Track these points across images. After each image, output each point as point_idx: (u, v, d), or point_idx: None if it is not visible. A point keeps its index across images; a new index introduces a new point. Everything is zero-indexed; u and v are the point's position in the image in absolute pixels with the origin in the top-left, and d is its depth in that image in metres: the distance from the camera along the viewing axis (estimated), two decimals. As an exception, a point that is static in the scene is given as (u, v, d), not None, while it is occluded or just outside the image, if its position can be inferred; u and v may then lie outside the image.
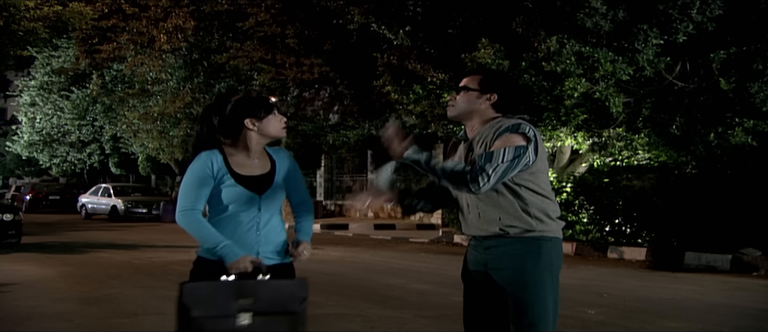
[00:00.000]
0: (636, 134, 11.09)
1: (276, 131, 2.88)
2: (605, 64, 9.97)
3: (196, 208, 2.77)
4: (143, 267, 9.67)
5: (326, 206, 24.25)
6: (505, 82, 2.98)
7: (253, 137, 2.85)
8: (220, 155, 2.82)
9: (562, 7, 10.27)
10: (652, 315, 6.32)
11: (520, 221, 2.74)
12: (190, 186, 2.79)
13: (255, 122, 2.84)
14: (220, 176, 2.79)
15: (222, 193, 2.79)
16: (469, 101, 2.86)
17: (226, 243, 2.72)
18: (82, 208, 25.75)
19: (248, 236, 2.81)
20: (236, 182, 2.80)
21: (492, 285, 2.80)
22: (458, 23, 11.77)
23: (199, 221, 2.76)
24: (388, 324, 5.85)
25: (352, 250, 12.85)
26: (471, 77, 2.91)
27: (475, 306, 2.87)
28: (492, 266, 2.79)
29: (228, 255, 2.71)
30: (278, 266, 2.87)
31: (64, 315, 6.19)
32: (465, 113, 2.88)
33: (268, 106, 2.87)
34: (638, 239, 11.57)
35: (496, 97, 2.85)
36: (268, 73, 19.13)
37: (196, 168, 2.80)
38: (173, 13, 19.80)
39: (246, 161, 2.86)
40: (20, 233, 12.65)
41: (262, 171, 2.88)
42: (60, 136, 30.63)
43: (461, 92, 2.88)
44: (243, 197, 2.80)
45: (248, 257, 2.73)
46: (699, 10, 9.56)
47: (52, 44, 28.34)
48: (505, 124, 2.77)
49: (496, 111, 2.86)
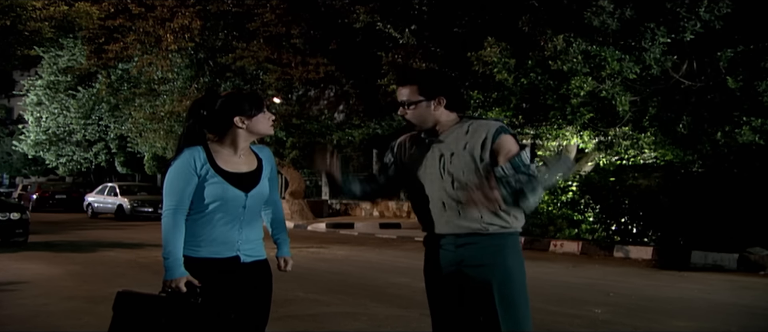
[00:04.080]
0: (642, 132, 11.06)
1: (265, 129, 2.86)
2: (612, 63, 9.94)
3: (181, 207, 2.74)
4: (150, 266, 9.69)
5: (332, 205, 24.27)
6: (443, 81, 2.94)
7: (242, 135, 2.82)
8: (203, 152, 2.78)
9: (569, 5, 10.25)
10: (658, 314, 6.30)
11: (499, 219, 2.75)
12: (174, 185, 2.75)
13: (244, 119, 2.80)
14: (204, 172, 2.75)
15: (206, 190, 2.75)
16: (422, 113, 2.82)
17: (176, 259, 2.70)
18: (88, 207, 25.82)
19: (231, 234, 2.80)
20: (223, 179, 2.77)
21: (469, 284, 2.75)
22: (464, 22, 11.75)
23: (176, 224, 2.71)
24: (394, 323, 5.85)
25: (357, 249, 12.85)
26: (408, 88, 2.83)
27: (448, 309, 2.81)
28: (470, 263, 2.75)
29: (169, 271, 2.69)
30: (257, 262, 2.88)
31: (72, 314, 6.21)
32: (425, 123, 2.84)
33: (259, 103, 2.85)
34: (644, 238, 11.54)
35: (445, 100, 2.82)
36: (274, 73, 19.15)
37: (180, 166, 2.76)
38: (179, 13, 19.82)
39: (232, 158, 2.83)
40: (27, 232, 12.70)
41: (249, 169, 2.86)
42: (66, 135, 30.72)
43: (408, 106, 2.82)
44: (229, 194, 2.77)
45: (185, 278, 2.70)
46: (706, 9, 9.52)
47: (58, 44, 28.43)
48: (490, 126, 2.76)
49: (450, 111, 2.84)
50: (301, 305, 6.61)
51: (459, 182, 2.75)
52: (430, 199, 2.82)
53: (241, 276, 2.82)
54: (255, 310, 2.87)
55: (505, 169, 2.67)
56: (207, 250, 2.77)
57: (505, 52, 10.63)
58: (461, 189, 2.74)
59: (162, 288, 2.73)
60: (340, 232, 17.80)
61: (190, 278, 2.71)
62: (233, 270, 2.80)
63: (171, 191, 2.75)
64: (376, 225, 18.79)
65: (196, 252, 2.75)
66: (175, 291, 2.69)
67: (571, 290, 7.60)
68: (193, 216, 2.76)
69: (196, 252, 2.75)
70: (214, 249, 2.78)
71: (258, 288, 2.89)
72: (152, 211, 23.50)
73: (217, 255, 2.78)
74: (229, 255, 2.80)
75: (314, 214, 21.51)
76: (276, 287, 3.02)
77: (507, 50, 10.67)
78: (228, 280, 2.78)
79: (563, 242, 11.98)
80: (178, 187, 2.74)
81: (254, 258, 2.87)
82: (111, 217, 24.13)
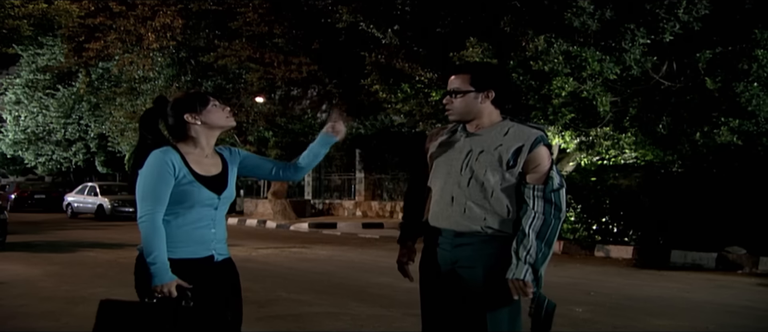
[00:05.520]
0: (623, 133, 11.15)
1: (220, 121, 2.86)
2: (593, 64, 10.01)
3: (158, 211, 2.70)
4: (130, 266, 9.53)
5: (315, 205, 24.22)
6: (497, 75, 2.93)
7: (199, 131, 2.83)
8: (177, 154, 2.78)
9: (549, 6, 10.30)
10: (638, 313, 6.36)
11: (501, 224, 2.71)
12: (150, 188, 2.71)
13: (195, 115, 2.82)
14: (180, 175, 2.75)
15: (183, 193, 2.75)
16: (468, 103, 2.78)
17: (163, 264, 2.68)
18: (68, 207, 25.56)
19: (206, 235, 2.81)
20: (197, 182, 2.78)
21: (462, 284, 2.74)
22: (446, 22, 11.77)
23: (156, 228, 2.69)
24: (376, 323, 5.86)
25: (340, 249, 12.84)
26: (460, 77, 2.80)
27: (439, 307, 2.80)
28: (463, 264, 2.73)
29: (157, 276, 2.67)
30: (226, 260, 2.91)
31: (51, 314, 6.14)
32: (467, 115, 2.81)
33: (203, 98, 2.86)
34: (625, 237, 11.64)
35: (493, 93, 2.79)
36: (256, 72, 19.09)
37: (155, 168, 2.72)
38: (161, 12, 19.69)
39: (202, 159, 2.84)
40: (5, 232, 12.53)
41: (217, 171, 2.88)
42: (45, 134, 30.40)
43: (456, 95, 2.79)
44: (204, 196, 2.78)
45: (176, 282, 2.69)
46: (685, 10, 9.62)
47: (37, 42, 28.12)
48: (530, 134, 2.72)
49: (496, 107, 2.81)
50: (284, 305, 6.60)
51: (476, 180, 2.72)
52: (442, 190, 2.80)
53: (217, 274, 2.84)
54: (235, 308, 2.90)
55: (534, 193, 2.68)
56: (184, 251, 2.76)
57: (487, 53, 10.67)
58: (475, 188, 2.71)
59: (140, 293, 2.72)
60: (323, 232, 17.77)
61: (180, 281, 2.69)
62: (209, 268, 2.82)
63: (147, 195, 2.71)
64: (359, 225, 18.79)
65: (173, 254, 2.73)
66: (165, 297, 2.67)
67: (552, 289, 7.61)
68: (167, 218, 2.74)
69: (174, 252, 2.73)
70: (191, 249, 2.78)
71: (233, 286, 2.92)
72: (133, 211, 23.27)
73: (195, 255, 2.78)
74: (206, 255, 2.82)
75: (297, 214, 21.46)
76: (259, 287, 3.04)
77: (489, 50, 10.71)
78: (208, 279, 2.79)
79: (545, 241, 12.04)
80: (155, 190, 2.71)
81: (224, 256, 2.91)
82: (91, 217, 23.90)
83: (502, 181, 2.70)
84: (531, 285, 2.63)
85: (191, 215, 2.77)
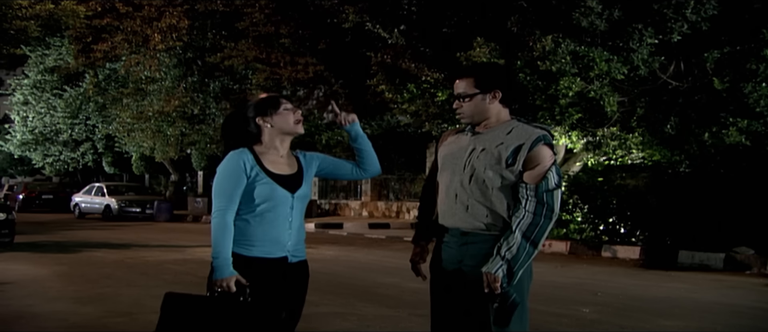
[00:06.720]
0: (630, 133, 11.12)
1: (288, 127, 2.94)
2: (600, 64, 9.99)
3: (230, 208, 2.80)
4: (137, 266, 9.64)
5: (321, 205, 24.24)
6: (501, 75, 2.94)
7: (271, 134, 2.92)
8: (250, 154, 2.87)
9: (557, 6, 10.28)
10: (646, 314, 6.34)
11: (503, 222, 2.72)
12: (224, 186, 2.82)
13: (266, 118, 2.91)
14: (253, 174, 2.84)
15: (256, 190, 2.83)
16: (477, 105, 2.80)
17: (225, 259, 2.76)
18: (75, 207, 25.66)
19: (282, 234, 2.87)
20: (271, 180, 2.85)
21: (467, 283, 2.74)
22: (453, 22, 11.76)
23: (225, 225, 2.79)
24: (383, 323, 5.85)
25: (346, 249, 12.84)
26: (465, 81, 2.82)
27: (446, 305, 2.82)
28: (469, 263, 2.74)
29: (218, 270, 2.75)
30: (300, 263, 2.96)
31: (58, 315, 6.16)
32: (477, 117, 2.83)
33: (275, 102, 2.94)
34: (632, 238, 11.60)
35: (500, 93, 2.80)
36: (262, 73, 19.12)
37: (229, 167, 2.84)
38: (167, 13, 19.77)
39: (277, 159, 2.93)
40: (13, 232, 12.59)
41: (292, 171, 2.95)
42: (53, 135, 30.51)
43: (464, 99, 2.81)
44: (278, 194, 2.85)
45: (235, 277, 2.75)
46: (693, 10, 9.59)
47: (45, 43, 28.23)
48: (532, 134, 2.72)
49: (504, 106, 2.83)
50: (290, 305, 6.59)
51: (477, 178, 2.74)
52: (447, 188, 2.83)
53: (289, 275, 2.90)
54: (296, 310, 2.97)
55: (527, 192, 2.67)
56: (259, 249, 2.84)
57: (494, 53, 10.66)
58: (475, 186, 2.73)
59: (209, 287, 2.79)
60: (329, 232, 17.78)
61: (239, 277, 2.76)
62: (282, 269, 2.88)
63: (220, 192, 2.82)
64: (365, 225, 18.79)
65: (248, 251, 2.82)
66: (224, 291, 2.73)
67: (559, 289, 7.62)
68: (245, 216, 2.83)
69: (249, 250, 2.82)
70: (266, 249, 2.85)
71: (301, 289, 2.98)
72: (140, 211, 23.39)
73: (269, 255, 2.85)
74: (280, 255, 2.88)
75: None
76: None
77: (496, 51, 10.70)
78: (277, 279, 2.85)
79: (551, 242, 12.02)
80: (227, 188, 2.81)
81: (299, 259, 2.96)
82: (98, 217, 23.98)
83: (501, 179, 2.71)
84: (499, 279, 2.64)
85: (268, 214, 2.84)
